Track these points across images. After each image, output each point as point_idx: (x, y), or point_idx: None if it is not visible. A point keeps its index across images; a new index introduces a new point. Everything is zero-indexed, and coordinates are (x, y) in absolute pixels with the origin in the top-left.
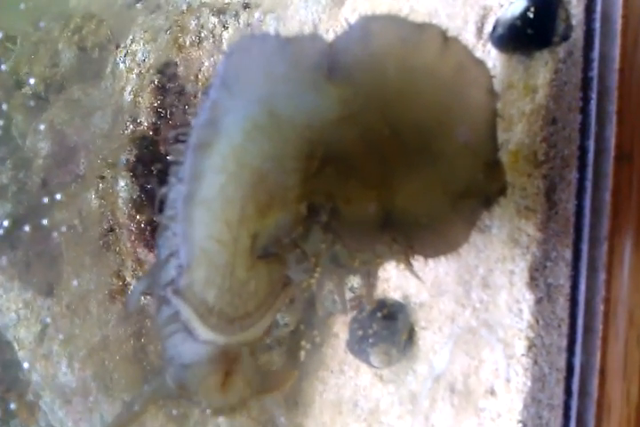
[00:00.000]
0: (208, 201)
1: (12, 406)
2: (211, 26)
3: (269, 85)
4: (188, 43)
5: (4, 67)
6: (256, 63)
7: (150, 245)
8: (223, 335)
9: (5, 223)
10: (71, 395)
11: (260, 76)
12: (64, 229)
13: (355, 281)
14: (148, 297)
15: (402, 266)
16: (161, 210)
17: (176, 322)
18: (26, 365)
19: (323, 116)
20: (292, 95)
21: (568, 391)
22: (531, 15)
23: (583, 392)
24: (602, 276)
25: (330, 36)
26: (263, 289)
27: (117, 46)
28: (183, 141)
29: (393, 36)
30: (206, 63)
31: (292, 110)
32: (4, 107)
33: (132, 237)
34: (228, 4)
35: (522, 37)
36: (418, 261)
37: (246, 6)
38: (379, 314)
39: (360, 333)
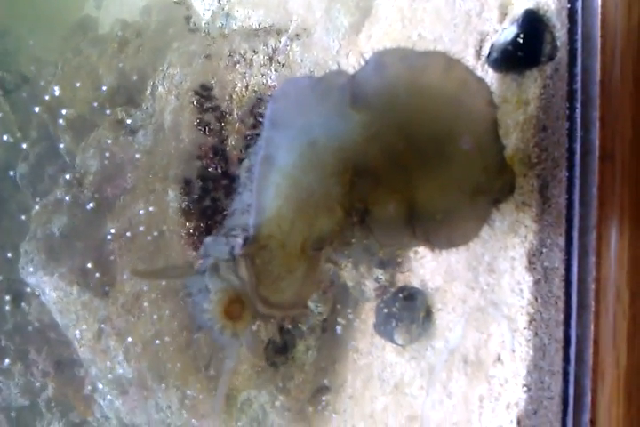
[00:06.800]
0: (269, 219)
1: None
2: (242, 51)
3: (307, 119)
4: (222, 66)
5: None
6: (295, 102)
7: (198, 248)
8: (252, 291)
9: (63, 234)
10: (127, 385)
11: (299, 113)
12: (117, 237)
13: (379, 273)
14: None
15: (419, 256)
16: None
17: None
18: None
19: (350, 139)
20: (325, 125)
21: (566, 359)
22: (520, 40)
23: (580, 360)
24: (592, 259)
25: (350, 59)
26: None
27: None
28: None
29: (402, 64)
30: (239, 84)
31: (326, 137)
32: (51, 129)
33: (182, 242)
34: (257, 30)
35: (514, 60)
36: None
37: (273, 32)
38: (400, 295)
39: (385, 310)
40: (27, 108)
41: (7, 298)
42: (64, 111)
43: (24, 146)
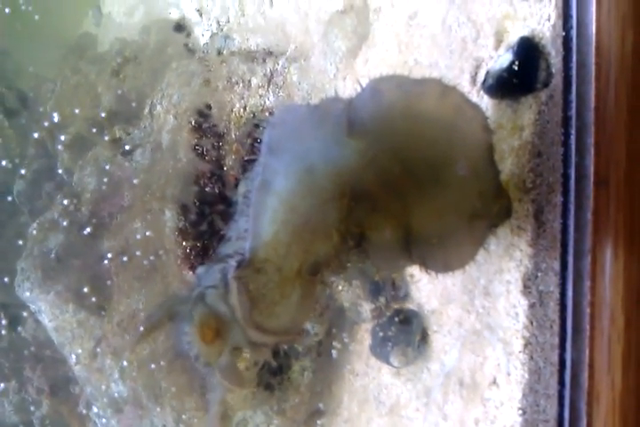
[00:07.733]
0: (266, 243)
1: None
2: (240, 72)
3: (304, 146)
4: (220, 87)
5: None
6: (292, 129)
7: (194, 267)
8: (244, 317)
9: (59, 251)
10: (123, 404)
11: (296, 140)
12: (113, 255)
13: (375, 298)
14: None
15: (415, 279)
16: None
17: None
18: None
19: (347, 165)
20: (322, 151)
21: (561, 383)
22: (516, 67)
23: (575, 383)
24: (587, 283)
25: (347, 83)
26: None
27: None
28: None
29: (398, 91)
30: (237, 105)
31: (323, 164)
32: (49, 146)
33: (179, 261)
34: (255, 52)
35: (509, 86)
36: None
37: (271, 55)
38: (396, 319)
39: (381, 334)
40: (25, 125)
41: (2, 317)
42: (62, 129)
43: (21, 164)
